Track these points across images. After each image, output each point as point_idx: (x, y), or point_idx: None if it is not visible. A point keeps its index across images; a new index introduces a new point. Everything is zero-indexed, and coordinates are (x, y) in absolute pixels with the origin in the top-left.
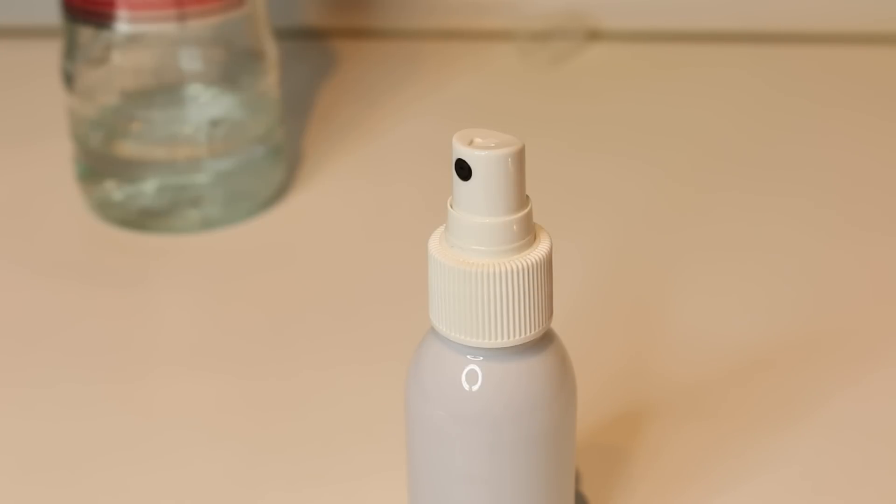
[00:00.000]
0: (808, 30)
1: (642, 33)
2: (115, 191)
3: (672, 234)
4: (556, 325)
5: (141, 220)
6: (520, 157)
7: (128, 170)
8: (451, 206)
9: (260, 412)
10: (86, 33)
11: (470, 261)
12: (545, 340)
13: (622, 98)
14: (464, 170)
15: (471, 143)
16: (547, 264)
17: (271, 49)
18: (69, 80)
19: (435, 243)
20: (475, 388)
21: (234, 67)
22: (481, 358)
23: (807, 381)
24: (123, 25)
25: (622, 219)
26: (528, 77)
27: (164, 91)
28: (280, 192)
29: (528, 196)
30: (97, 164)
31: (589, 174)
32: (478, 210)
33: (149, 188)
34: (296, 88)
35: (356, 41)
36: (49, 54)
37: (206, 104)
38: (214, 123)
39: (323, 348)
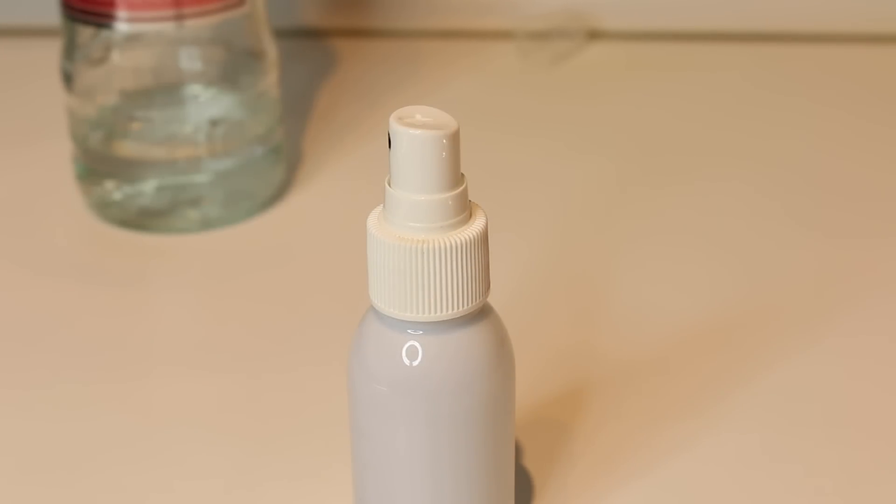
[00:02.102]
0: (808, 30)
1: (642, 33)
2: (114, 191)
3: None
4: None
5: (140, 219)
6: (454, 138)
7: (127, 170)
8: (389, 185)
9: (259, 411)
10: (85, 33)
11: (407, 237)
12: (482, 314)
13: (622, 98)
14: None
15: (408, 121)
16: (482, 240)
17: (271, 49)
18: (69, 79)
19: (373, 221)
20: (415, 362)
21: (234, 67)
22: (420, 332)
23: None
24: (123, 25)
25: (617, 216)
26: (528, 77)
27: (163, 91)
28: (280, 192)
29: (462, 174)
30: (96, 164)
31: (589, 173)
32: (413, 188)
33: (148, 188)
34: (296, 88)
35: (356, 41)
36: (49, 54)
37: (206, 104)
38: (214, 123)
39: (322, 348)
